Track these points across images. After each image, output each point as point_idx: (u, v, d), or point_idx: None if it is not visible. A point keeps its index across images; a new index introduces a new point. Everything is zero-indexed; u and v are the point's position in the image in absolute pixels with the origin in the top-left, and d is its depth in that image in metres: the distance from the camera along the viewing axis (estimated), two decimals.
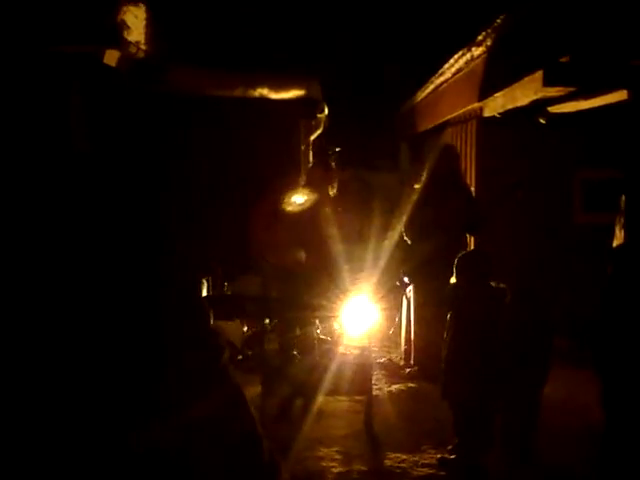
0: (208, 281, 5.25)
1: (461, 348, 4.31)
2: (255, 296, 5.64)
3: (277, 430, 4.84)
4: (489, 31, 5.85)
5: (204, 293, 5.31)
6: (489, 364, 4.27)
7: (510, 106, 6.20)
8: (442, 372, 4.42)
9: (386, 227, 6.86)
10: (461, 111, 7.41)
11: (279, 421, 5.02)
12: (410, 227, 6.13)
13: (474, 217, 6.10)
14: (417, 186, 6.29)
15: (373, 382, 5.94)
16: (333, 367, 5.71)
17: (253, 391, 5.27)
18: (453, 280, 4.53)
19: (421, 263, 5.95)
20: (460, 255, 4.53)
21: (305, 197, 5.72)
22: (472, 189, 6.83)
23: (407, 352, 6.46)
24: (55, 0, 6.10)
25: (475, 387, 4.24)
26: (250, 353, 6.38)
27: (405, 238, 6.21)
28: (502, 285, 4.49)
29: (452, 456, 4.37)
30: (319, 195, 5.64)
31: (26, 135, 5.96)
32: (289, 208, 5.74)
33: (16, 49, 5.77)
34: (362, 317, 5.47)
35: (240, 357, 6.43)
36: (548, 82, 4.92)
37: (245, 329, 6.53)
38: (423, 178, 6.16)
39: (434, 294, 5.22)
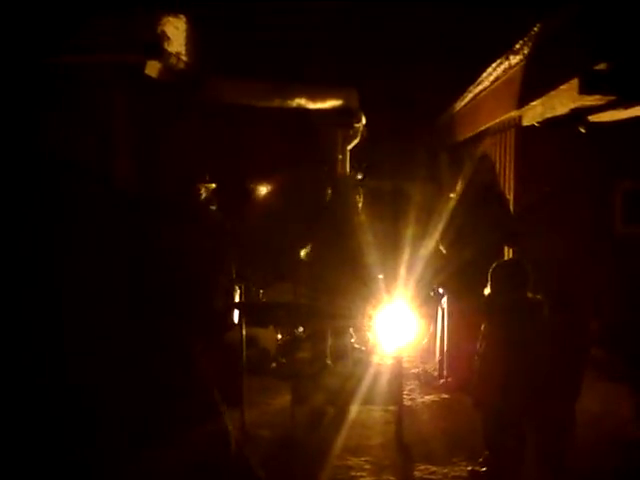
0: (241, 288, 5.28)
1: (495, 360, 4.25)
2: (287, 303, 5.66)
3: (308, 438, 4.87)
4: (526, 39, 5.79)
5: (237, 299, 5.35)
6: (523, 377, 4.20)
7: (549, 115, 6.10)
8: (475, 383, 4.37)
9: (423, 237, 6.81)
10: (500, 120, 7.33)
11: (310, 429, 5.03)
12: (445, 236, 6.08)
13: (511, 228, 6.01)
14: (453, 195, 6.25)
15: (406, 392, 5.94)
16: (366, 376, 5.72)
17: (285, 399, 5.31)
18: (487, 291, 4.47)
19: (456, 273, 5.90)
20: (495, 265, 4.46)
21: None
22: (510, 198, 6.75)
23: (441, 363, 6.40)
24: (96, 11, 6.28)
25: (508, 400, 4.17)
26: (284, 361, 6.41)
27: (440, 247, 6.16)
28: (539, 296, 4.41)
29: (483, 469, 4.31)
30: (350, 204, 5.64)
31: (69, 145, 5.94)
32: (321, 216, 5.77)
33: (57, 59, 5.93)
34: (396, 327, 5.44)
35: (274, 364, 6.46)
36: (583, 90, 4.83)
37: (279, 336, 6.57)
38: (458, 187, 6.12)
39: (469, 305, 5.16)
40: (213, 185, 5.57)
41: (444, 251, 6.13)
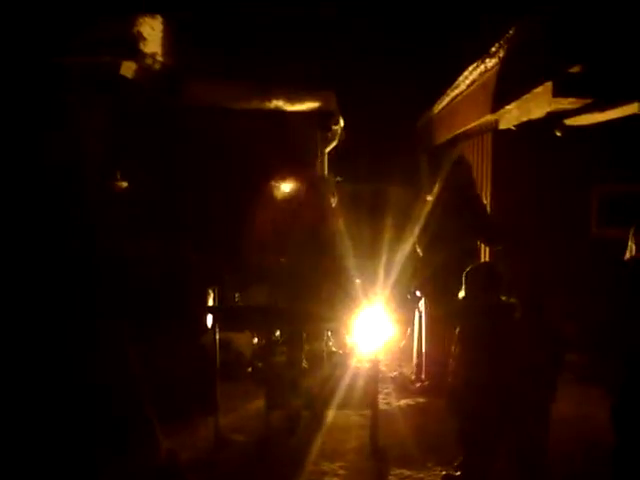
0: (214, 291, 5.22)
1: (469, 363, 4.23)
2: (262, 307, 5.62)
3: (282, 443, 4.83)
4: (502, 42, 5.80)
5: (210, 303, 5.29)
6: (497, 380, 4.18)
7: (525, 118, 6.12)
8: (449, 387, 4.35)
9: (401, 240, 6.80)
10: (476, 123, 7.35)
11: (285, 434, 4.99)
12: (421, 238, 6.08)
13: (487, 230, 6.02)
14: (429, 198, 6.24)
15: (382, 396, 5.91)
16: (342, 380, 5.68)
17: (261, 404, 5.26)
18: (462, 294, 4.46)
19: (432, 275, 5.89)
20: (469, 268, 4.45)
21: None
22: (486, 202, 6.76)
23: (418, 366, 6.38)
24: (69, 11, 6.20)
25: (482, 403, 4.15)
26: (260, 365, 6.36)
27: (417, 250, 6.15)
28: (512, 300, 4.40)
29: (457, 473, 4.29)
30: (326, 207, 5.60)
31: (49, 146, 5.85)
32: (297, 218, 5.72)
33: (31, 61, 5.85)
34: (374, 330, 5.40)
35: (250, 369, 6.41)
36: (557, 93, 4.85)
37: (255, 340, 6.52)
38: (435, 190, 6.11)
39: (445, 307, 5.14)
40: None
41: (421, 254, 6.13)
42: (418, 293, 6.25)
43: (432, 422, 5.22)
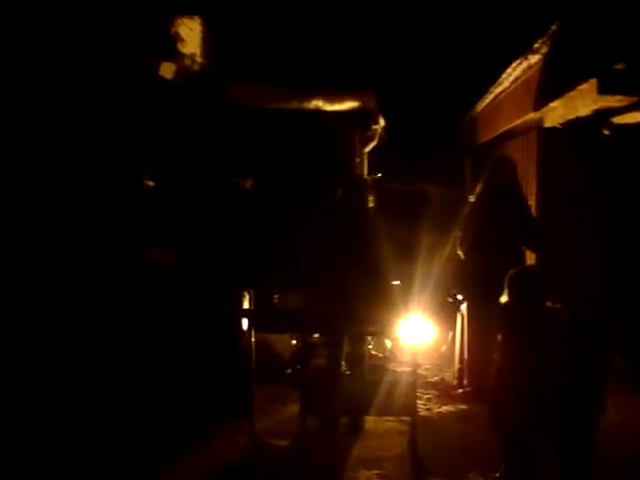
0: (250, 293, 5.16)
1: (511, 371, 4.08)
2: (299, 309, 5.54)
3: (318, 449, 4.75)
4: (545, 38, 5.61)
5: (246, 305, 5.23)
6: (542, 389, 4.02)
7: (571, 116, 5.92)
8: (490, 398, 4.20)
9: (442, 241, 6.66)
10: (521, 121, 7.15)
11: (321, 439, 4.90)
12: (463, 241, 5.92)
13: (532, 232, 5.84)
14: (471, 199, 6.08)
15: (423, 402, 5.80)
16: (381, 385, 5.58)
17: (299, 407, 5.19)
18: (504, 299, 4.30)
19: (474, 279, 5.74)
20: (511, 272, 4.29)
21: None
22: (531, 203, 6.56)
23: (460, 372, 6.23)
24: (106, 11, 6.23)
25: (526, 413, 4.00)
26: (299, 367, 6.28)
27: (458, 252, 6.00)
28: (558, 305, 4.23)
29: None
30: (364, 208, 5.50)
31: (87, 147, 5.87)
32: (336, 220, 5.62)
33: (68, 61, 5.88)
34: (414, 333, 5.29)
35: (288, 371, 6.35)
36: (603, 90, 4.64)
37: (294, 342, 6.44)
38: (477, 190, 5.95)
39: (488, 312, 4.99)
40: None
41: (462, 256, 5.97)
42: (459, 297, 6.11)
43: (474, 430, 5.07)
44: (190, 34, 7.03)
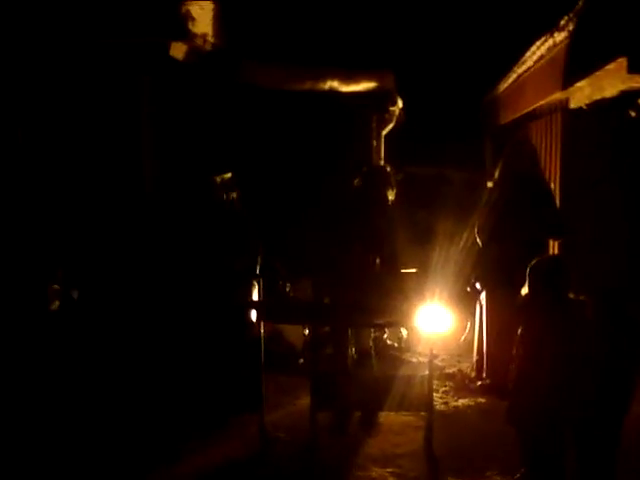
0: (261, 282, 4.99)
1: (532, 368, 3.87)
2: (305, 301, 5.37)
3: (330, 445, 4.59)
4: (571, 14, 5.32)
5: (255, 296, 5.06)
6: (564, 387, 3.81)
7: (597, 97, 5.65)
8: (510, 394, 4.00)
9: (462, 228, 6.43)
10: (545, 102, 6.86)
11: (333, 435, 4.74)
12: (482, 229, 5.68)
13: (554, 219, 5.59)
14: (490, 185, 5.84)
15: (440, 395, 5.61)
16: (397, 377, 5.39)
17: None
18: (525, 290, 4.08)
19: (494, 268, 5.52)
20: (533, 262, 4.06)
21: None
22: (555, 187, 6.30)
23: (479, 363, 6.01)
24: None
25: (546, 413, 3.79)
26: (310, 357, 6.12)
27: (477, 240, 5.77)
28: (582, 297, 4.01)
29: None
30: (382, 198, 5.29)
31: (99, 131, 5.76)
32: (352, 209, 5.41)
33: (77, 42, 5.70)
34: (432, 323, 5.08)
35: (301, 360, 6.19)
36: (632, 69, 4.37)
37: (306, 331, 6.27)
38: (496, 176, 5.70)
39: (508, 302, 4.77)
40: (229, 175, 5.28)
41: (481, 244, 5.75)
42: (478, 286, 5.88)
43: (492, 426, 4.84)
44: (201, 13, 6.84)
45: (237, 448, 4.57)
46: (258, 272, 5.20)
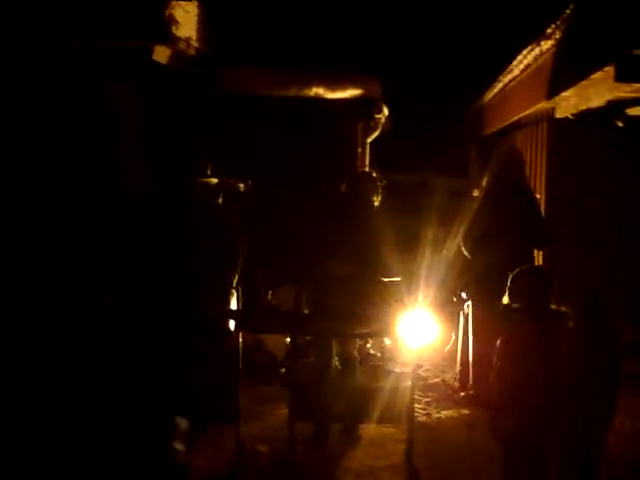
0: (237, 291, 4.89)
1: (512, 379, 3.80)
2: (288, 310, 5.28)
3: (307, 457, 4.49)
4: (558, 23, 5.28)
5: (233, 304, 4.96)
6: (545, 399, 3.74)
7: (584, 106, 5.61)
8: (492, 405, 3.93)
9: (447, 235, 6.37)
10: (531, 111, 6.84)
11: (311, 447, 4.64)
12: (468, 238, 5.62)
13: (540, 229, 5.55)
14: (476, 193, 5.78)
15: (422, 406, 5.54)
16: (378, 387, 5.31)
17: None
18: (505, 300, 4.02)
19: (480, 277, 5.45)
20: (514, 273, 4.00)
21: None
22: (539, 197, 6.26)
23: (463, 374, 5.94)
24: None
25: (528, 425, 3.72)
26: (289, 367, 6.02)
27: (462, 249, 5.71)
28: (564, 308, 3.95)
29: None
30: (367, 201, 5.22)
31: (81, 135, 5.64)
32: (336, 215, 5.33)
33: (54, 46, 5.59)
34: (416, 333, 4.99)
35: (282, 370, 6.08)
36: (620, 78, 4.33)
37: (288, 340, 6.17)
38: (483, 184, 5.65)
39: (494, 312, 4.70)
40: (215, 180, 5.18)
41: (466, 253, 5.69)
42: (464, 295, 5.81)
43: (476, 438, 4.79)
44: (186, 17, 6.73)
45: (213, 460, 4.46)
46: (237, 280, 5.09)
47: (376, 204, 5.34)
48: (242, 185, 6.34)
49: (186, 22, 6.75)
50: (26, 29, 5.79)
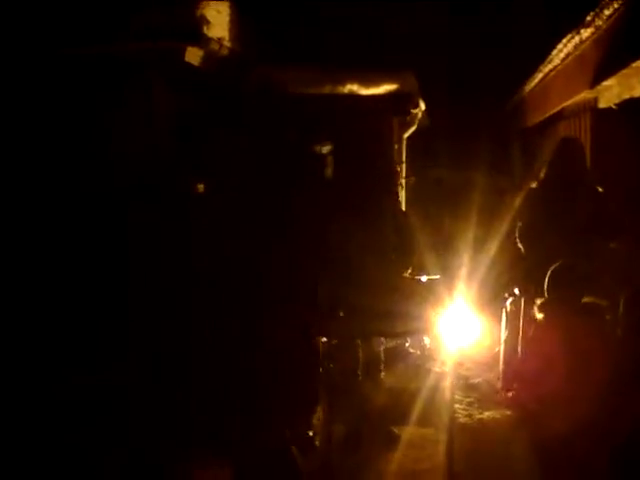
0: None
1: (552, 377, 3.68)
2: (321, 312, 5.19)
3: (343, 460, 4.39)
4: (597, 10, 5.08)
5: None
6: (587, 395, 3.61)
7: (627, 95, 5.41)
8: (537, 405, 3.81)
9: (490, 232, 6.18)
10: (573, 102, 6.63)
11: (347, 450, 4.54)
12: (526, 232, 5.32)
13: (606, 221, 5.22)
14: (534, 185, 5.49)
15: (464, 407, 5.40)
16: (418, 387, 5.22)
17: None
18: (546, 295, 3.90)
19: (538, 274, 5.20)
20: (552, 267, 3.87)
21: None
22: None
23: (506, 373, 5.75)
24: None
25: (567, 423, 3.59)
26: (332, 366, 5.94)
27: (518, 245, 5.44)
28: (603, 301, 3.81)
29: None
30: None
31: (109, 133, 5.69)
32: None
33: (88, 49, 5.62)
34: (457, 331, 4.87)
35: (320, 369, 6.01)
36: None
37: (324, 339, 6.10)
38: (541, 176, 5.37)
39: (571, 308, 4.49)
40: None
41: (522, 249, 5.42)
42: (517, 292, 5.58)
43: (519, 440, 4.62)
44: (217, 17, 6.71)
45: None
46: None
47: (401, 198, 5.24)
48: None
49: (218, 22, 6.73)
50: (58, 30, 5.84)
